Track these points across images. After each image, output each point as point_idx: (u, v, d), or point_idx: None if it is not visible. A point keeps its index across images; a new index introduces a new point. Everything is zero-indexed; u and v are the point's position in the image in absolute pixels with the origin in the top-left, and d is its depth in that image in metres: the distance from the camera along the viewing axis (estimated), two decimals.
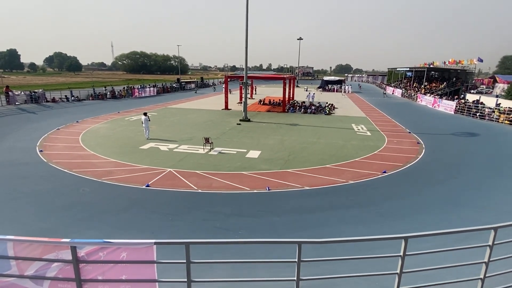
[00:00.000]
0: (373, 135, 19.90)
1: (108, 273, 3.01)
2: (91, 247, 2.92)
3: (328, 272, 3.84)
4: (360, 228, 8.04)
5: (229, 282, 4.37)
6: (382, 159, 14.34)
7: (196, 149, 15.24)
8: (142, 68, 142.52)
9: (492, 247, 3.42)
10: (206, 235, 7.52)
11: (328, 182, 11.19)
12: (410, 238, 3.18)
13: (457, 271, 3.78)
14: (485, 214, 9.01)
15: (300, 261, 3.08)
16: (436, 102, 34.90)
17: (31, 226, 7.75)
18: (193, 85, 55.60)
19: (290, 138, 18.22)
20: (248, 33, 22.62)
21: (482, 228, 3.41)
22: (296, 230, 7.89)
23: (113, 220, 8.27)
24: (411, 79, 53.09)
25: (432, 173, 12.72)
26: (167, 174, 11.70)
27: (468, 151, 16.49)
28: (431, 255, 3.44)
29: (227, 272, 5.42)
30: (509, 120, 23.99)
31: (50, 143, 16.01)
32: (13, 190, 9.97)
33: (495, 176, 12.29)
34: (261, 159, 14.00)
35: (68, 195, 9.69)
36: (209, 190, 10.30)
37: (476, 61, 44.49)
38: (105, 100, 35.47)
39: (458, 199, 10.09)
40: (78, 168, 12.06)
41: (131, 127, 20.37)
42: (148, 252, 2.94)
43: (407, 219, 8.67)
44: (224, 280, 4.18)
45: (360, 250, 6.18)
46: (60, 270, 2.96)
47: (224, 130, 20.28)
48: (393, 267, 3.35)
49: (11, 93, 27.51)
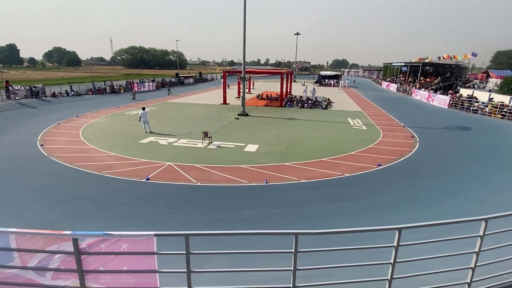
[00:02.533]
0: (368, 129, 20.03)
1: (109, 264, 3.05)
2: (92, 239, 2.95)
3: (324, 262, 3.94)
4: (355, 220, 8.17)
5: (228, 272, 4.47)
6: (377, 152, 14.46)
7: (195, 143, 15.29)
8: (141, 63, 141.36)
9: (482, 237, 3.51)
10: (205, 227, 7.62)
11: (324, 175, 11.30)
12: (403, 229, 3.25)
13: (449, 260, 3.88)
14: (477, 206, 9.15)
15: (297, 252, 3.15)
16: (430, 96, 34.95)
17: (33, 219, 7.82)
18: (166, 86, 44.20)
19: (287, 132, 18.29)
20: (246, 28, 22.44)
21: (474, 219, 3.50)
22: (293, 222, 8.00)
23: (114, 212, 8.35)
24: (406, 74, 52.95)
25: (426, 166, 12.86)
26: (166, 167, 11.77)
27: (461, 144, 16.65)
28: (424, 245, 3.52)
29: (225, 263, 5.51)
30: (501, 114, 24.19)
31: (50, 137, 16.02)
32: (15, 184, 10.03)
33: (487, 169, 12.45)
34: (259, 152, 14.07)
35: (70, 189, 9.76)
36: (208, 183, 10.39)
37: (471, 56, 44.53)
38: (105, 94, 35.30)
39: (451, 191, 10.21)
40: (79, 162, 12.10)
41: (131, 121, 20.36)
42: (149, 244, 2.99)
43: (401, 210, 8.80)
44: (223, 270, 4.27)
45: (355, 241, 6.28)
46: (62, 262, 3.00)
47: (223, 124, 20.29)
48: (387, 257, 3.44)
49: (11, 88, 27.31)
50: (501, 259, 3.82)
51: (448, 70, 52.11)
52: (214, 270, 4.31)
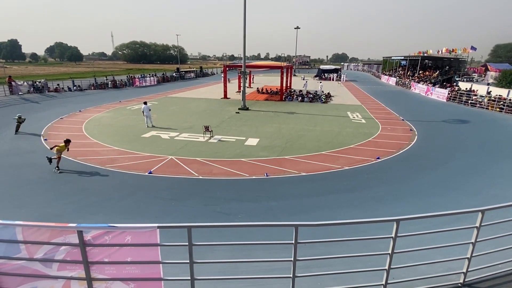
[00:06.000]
0: (367, 122, 20.04)
1: (113, 256, 3.12)
2: (97, 231, 3.01)
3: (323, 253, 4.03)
4: (354, 212, 8.25)
5: (229, 263, 4.56)
6: (376, 145, 14.50)
7: (197, 137, 15.34)
8: (142, 57, 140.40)
9: (479, 229, 3.58)
10: (207, 219, 7.73)
11: (323, 168, 11.37)
12: (401, 220, 3.32)
13: (446, 251, 3.96)
14: (474, 198, 9.20)
15: (297, 243, 3.21)
16: (429, 90, 34.75)
17: (38, 212, 7.92)
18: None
19: (287, 126, 18.31)
20: (246, 22, 22.28)
21: (470, 210, 3.56)
22: (293, 214, 8.09)
23: (117, 205, 8.46)
24: (406, 68, 52.56)
25: (424, 159, 12.90)
26: (168, 161, 11.85)
27: (459, 137, 16.64)
28: (421, 236, 3.57)
29: (227, 254, 5.60)
30: (499, 108, 24.12)
31: (54, 132, 16.11)
32: (21, 178, 10.14)
33: (485, 161, 12.49)
34: (260, 146, 14.13)
35: (74, 182, 9.87)
36: (209, 176, 10.47)
37: (470, 50, 44.19)
38: (107, 89, 35.23)
39: (448, 183, 10.26)
40: (82, 156, 12.21)
41: (133, 116, 20.39)
42: (152, 236, 3.04)
43: (399, 202, 8.86)
44: (224, 261, 4.36)
45: (354, 232, 6.41)
46: (67, 253, 3.07)
47: (224, 118, 20.31)
48: (385, 248, 3.50)
49: (14, 83, 27.34)
50: (496, 249, 3.89)
51: (447, 63, 51.70)
52: (216, 261, 4.39)
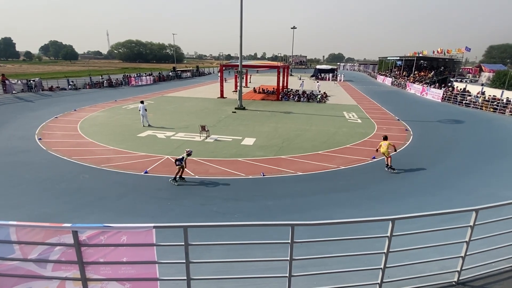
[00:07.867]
0: (363, 122, 20.16)
1: (109, 256, 3.10)
2: (92, 231, 2.98)
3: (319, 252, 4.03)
4: (349, 211, 8.30)
5: (225, 262, 4.55)
6: (372, 145, 14.51)
7: (193, 137, 15.30)
8: (138, 56, 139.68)
9: (473, 228, 3.62)
10: (203, 219, 7.71)
11: (320, 168, 11.42)
12: (397, 220, 3.34)
13: (441, 250, 3.99)
14: (468, 197, 9.32)
15: (293, 242, 3.22)
16: (424, 90, 35.06)
17: (33, 212, 7.86)
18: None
19: (284, 126, 18.34)
20: (243, 22, 22.30)
21: (464, 210, 3.59)
22: (289, 213, 8.11)
23: (113, 205, 8.41)
24: (401, 68, 52.92)
25: (419, 158, 13.00)
26: (164, 161, 11.80)
27: (453, 137, 16.81)
28: (416, 235, 3.61)
29: (223, 253, 5.59)
30: (493, 108, 24.42)
31: (48, 131, 15.96)
32: (15, 177, 10.04)
33: (479, 161, 12.65)
34: (256, 146, 14.13)
35: (69, 182, 9.79)
36: (206, 176, 10.46)
37: (464, 50, 44.65)
38: (102, 88, 34.99)
39: (443, 182, 10.36)
40: (77, 155, 12.11)
41: (129, 115, 20.28)
42: (148, 236, 3.03)
43: (394, 202, 8.94)
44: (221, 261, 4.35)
45: (349, 232, 6.44)
46: (62, 254, 3.04)
47: (220, 118, 20.28)
48: (380, 247, 3.53)
49: (7, 81, 27.01)
50: (490, 248, 3.94)
51: (442, 64, 52.04)
52: (213, 261, 4.39)
